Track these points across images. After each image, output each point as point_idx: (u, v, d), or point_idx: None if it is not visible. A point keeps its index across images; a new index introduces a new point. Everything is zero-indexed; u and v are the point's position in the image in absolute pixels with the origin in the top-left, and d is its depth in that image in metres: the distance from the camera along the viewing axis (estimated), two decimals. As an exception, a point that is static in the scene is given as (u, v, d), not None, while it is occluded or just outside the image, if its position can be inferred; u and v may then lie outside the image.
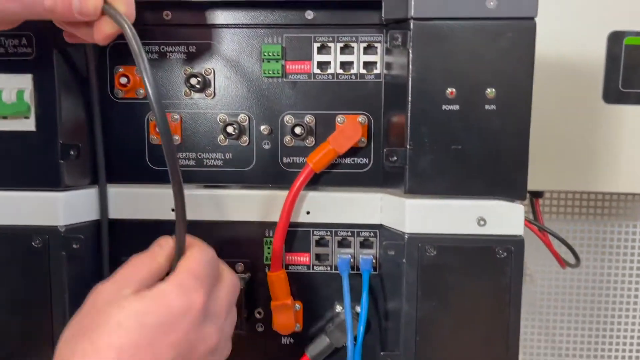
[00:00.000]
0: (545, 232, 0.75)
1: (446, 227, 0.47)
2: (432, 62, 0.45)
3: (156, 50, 0.51)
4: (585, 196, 0.89)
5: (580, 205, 0.90)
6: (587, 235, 0.90)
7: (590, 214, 0.90)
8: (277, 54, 0.50)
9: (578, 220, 0.90)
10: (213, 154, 0.52)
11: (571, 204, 0.90)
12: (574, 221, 0.90)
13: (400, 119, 0.48)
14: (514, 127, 0.46)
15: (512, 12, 0.45)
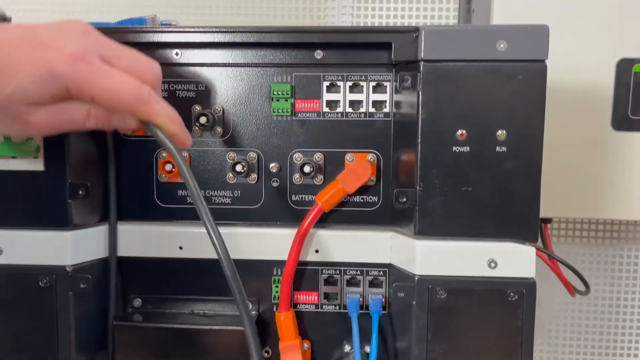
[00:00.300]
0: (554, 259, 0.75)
1: (457, 269, 0.47)
2: (442, 103, 0.45)
3: (165, 89, 0.51)
4: (594, 220, 0.88)
5: (588, 229, 0.89)
6: (595, 259, 0.90)
7: (599, 237, 0.89)
8: (286, 93, 0.49)
9: (587, 244, 0.90)
10: (221, 191, 0.51)
11: (579, 227, 0.89)
12: (582, 245, 0.90)
13: (409, 159, 0.48)
14: (525, 169, 0.46)
15: (523, 55, 0.44)
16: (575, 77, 0.69)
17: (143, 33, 0.48)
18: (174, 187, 0.52)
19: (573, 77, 0.69)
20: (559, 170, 0.70)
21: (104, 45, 0.42)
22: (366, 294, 0.51)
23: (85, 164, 0.49)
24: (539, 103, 0.45)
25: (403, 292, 0.48)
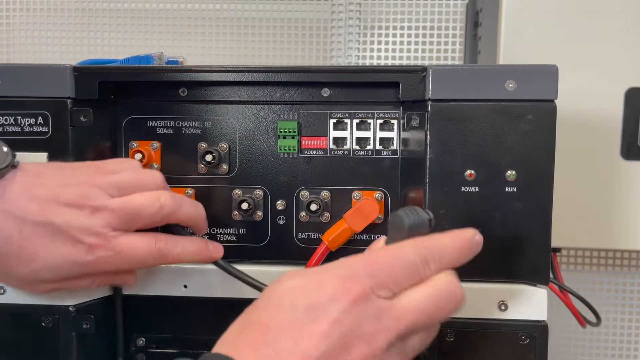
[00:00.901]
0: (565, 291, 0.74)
1: (466, 312, 0.46)
2: (450, 143, 0.45)
3: (171, 126, 0.50)
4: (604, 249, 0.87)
5: (598, 256, 0.88)
6: (605, 287, 0.88)
7: (609, 265, 0.88)
8: (293, 130, 0.49)
9: (597, 272, 0.88)
10: (227, 229, 0.51)
11: (589, 255, 0.88)
12: (591, 272, 0.88)
13: (418, 197, 0.47)
14: (536, 210, 0.45)
15: (532, 95, 0.44)
16: (584, 106, 0.68)
17: (149, 73, 0.48)
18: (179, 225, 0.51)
19: (581, 106, 0.68)
20: (568, 199, 0.69)
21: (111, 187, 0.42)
22: (373, 334, 0.50)
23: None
24: (549, 143, 0.44)
25: (411, 334, 0.47)
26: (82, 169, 0.43)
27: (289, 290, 0.33)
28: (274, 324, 0.32)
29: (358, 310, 0.32)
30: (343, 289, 0.32)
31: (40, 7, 0.90)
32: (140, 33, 0.89)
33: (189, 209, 0.45)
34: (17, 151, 0.47)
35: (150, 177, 0.44)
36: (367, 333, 0.32)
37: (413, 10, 0.86)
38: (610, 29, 0.67)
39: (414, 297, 0.33)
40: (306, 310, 0.32)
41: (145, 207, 0.42)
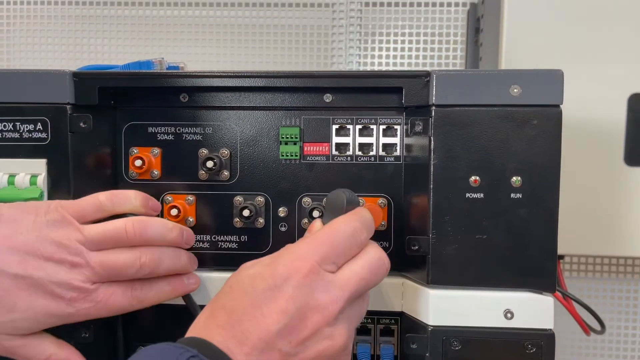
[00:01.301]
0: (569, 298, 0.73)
1: (472, 320, 0.45)
2: (454, 149, 0.44)
3: (172, 132, 0.50)
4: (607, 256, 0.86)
5: (602, 263, 0.87)
6: (609, 294, 0.87)
7: (612, 272, 0.87)
8: (295, 136, 0.49)
9: (600, 279, 0.87)
10: (228, 236, 0.50)
11: (592, 262, 0.87)
12: (595, 279, 0.87)
13: (421, 204, 0.46)
14: (542, 216, 0.44)
15: (537, 100, 0.43)
16: (587, 112, 0.68)
17: (150, 78, 0.47)
18: (180, 232, 0.50)
19: (584, 112, 0.68)
20: (572, 206, 0.69)
21: (90, 242, 0.42)
22: (377, 343, 0.50)
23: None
24: (554, 148, 0.44)
25: (416, 343, 0.46)
26: (56, 213, 0.43)
27: (248, 277, 0.37)
28: (239, 307, 0.36)
29: (309, 284, 0.36)
30: (294, 268, 0.36)
31: (40, 14, 0.90)
32: (140, 40, 0.89)
33: (168, 265, 0.45)
34: (16, 158, 0.47)
35: (131, 228, 0.43)
36: (320, 304, 0.36)
37: (414, 16, 0.86)
38: (613, 35, 0.66)
39: (353, 268, 0.38)
40: (264, 292, 0.36)
41: (125, 267, 0.43)
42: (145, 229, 0.44)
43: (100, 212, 0.44)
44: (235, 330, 0.35)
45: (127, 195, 0.45)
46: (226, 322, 0.35)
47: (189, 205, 0.50)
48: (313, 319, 0.36)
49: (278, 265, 0.37)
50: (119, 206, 0.44)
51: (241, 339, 0.35)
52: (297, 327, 0.35)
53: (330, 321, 0.36)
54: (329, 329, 0.36)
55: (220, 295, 0.38)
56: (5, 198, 0.46)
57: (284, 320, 0.35)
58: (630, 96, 0.67)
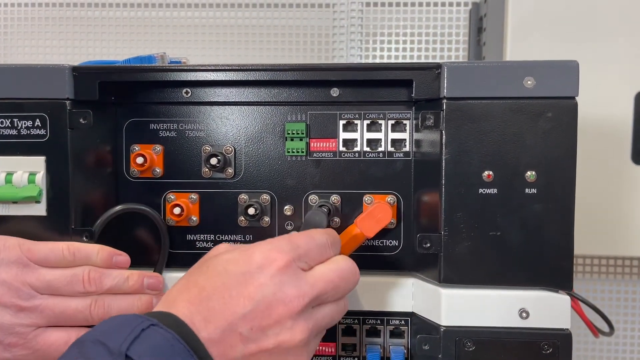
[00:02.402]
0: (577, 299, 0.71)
1: (485, 320, 0.44)
2: (467, 143, 0.43)
3: (174, 128, 0.49)
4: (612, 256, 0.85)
5: (607, 264, 0.86)
6: (615, 295, 0.86)
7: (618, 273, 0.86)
8: (301, 132, 0.47)
9: (606, 280, 0.86)
10: (232, 235, 0.49)
11: (597, 263, 0.86)
12: (600, 280, 0.86)
13: (432, 201, 0.45)
14: (557, 212, 0.43)
15: (552, 92, 0.42)
16: (594, 110, 0.67)
17: (152, 72, 0.46)
18: (182, 232, 0.49)
19: (591, 110, 0.67)
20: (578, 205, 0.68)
21: (42, 287, 0.42)
22: (387, 344, 0.48)
23: (89, 208, 0.47)
24: (570, 142, 0.42)
25: (428, 344, 0.44)
26: (13, 252, 0.42)
27: (225, 260, 0.38)
28: (209, 286, 0.37)
29: (281, 276, 0.37)
30: (269, 259, 0.38)
31: (38, 16, 0.88)
32: (139, 42, 0.87)
33: (120, 310, 0.44)
34: (14, 155, 0.45)
35: (87, 277, 0.43)
36: (287, 297, 0.37)
37: (415, 16, 0.85)
38: (619, 33, 0.66)
39: (323, 270, 0.39)
40: (237, 276, 0.37)
41: (75, 314, 0.43)
42: (101, 279, 0.43)
43: (60, 262, 0.43)
44: (202, 306, 0.36)
45: (89, 251, 0.44)
46: (195, 297, 0.36)
47: (192, 203, 0.48)
48: (278, 309, 0.37)
49: (255, 252, 0.38)
50: (80, 261, 0.44)
51: (207, 315, 0.35)
52: (262, 314, 0.36)
53: (294, 315, 0.37)
54: (290, 322, 0.37)
55: (194, 272, 0.39)
56: (3, 197, 0.44)
57: (250, 306, 0.36)
58: (637, 94, 0.66)
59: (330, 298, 0.40)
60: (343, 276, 0.40)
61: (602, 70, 0.66)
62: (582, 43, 0.66)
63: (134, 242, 0.49)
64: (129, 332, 0.32)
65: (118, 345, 0.32)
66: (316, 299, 0.38)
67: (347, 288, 0.40)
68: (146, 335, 0.33)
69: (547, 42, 0.67)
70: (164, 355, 0.32)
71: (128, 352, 0.32)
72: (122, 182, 0.49)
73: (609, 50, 0.66)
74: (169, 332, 0.33)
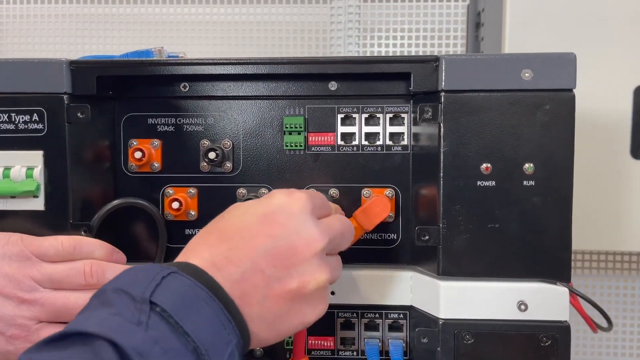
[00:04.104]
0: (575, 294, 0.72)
1: (484, 312, 0.44)
2: (465, 135, 0.43)
3: (172, 123, 0.48)
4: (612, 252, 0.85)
5: (606, 259, 0.86)
6: (614, 291, 0.86)
7: (617, 269, 0.86)
8: (299, 126, 0.47)
9: (604, 276, 0.86)
10: (231, 230, 0.49)
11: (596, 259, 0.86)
12: (599, 276, 0.86)
13: (431, 194, 0.45)
14: (555, 204, 0.43)
15: (550, 84, 0.42)
16: (592, 105, 0.67)
17: (150, 66, 0.46)
18: (181, 226, 0.49)
19: (589, 105, 0.67)
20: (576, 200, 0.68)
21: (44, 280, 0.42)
22: (385, 338, 0.48)
23: (87, 202, 0.47)
24: (567, 134, 0.43)
25: (426, 337, 0.45)
26: (15, 247, 0.42)
27: (244, 205, 0.39)
28: (230, 228, 0.37)
29: (302, 216, 0.37)
30: (290, 199, 0.38)
31: (33, 13, 0.88)
32: (136, 38, 0.87)
33: None
34: (12, 150, 0.45)
35: (89, 271, 0.43)
36: (309, 235, 0.37)
37: (413, 12, 0.85)
38: (617, 27, 0.66)
39: (332, 220, 0.40)
40: (257, 216, 0.37)
41: (76, 308, 0.42)
42: (104, 273, 0.43)
43: (60, 257, 0.43)
44: (223, 247, 0.36)
45: (91, 245, 0.44)
46: (215, 240, 0.36)
47: (191, 198, 0.48)
48: (301, 248, 0.36)
49: (274, 195, 0.39)
50: (80, 255, 0.44)
51: (228, 255, 0.35)
52: (285, 252, 0.36)
53: (317, 254, 0.37)
54: (316, 260, 0.37)
55: (213, 222, 0.39)
56: (1, 191, 0.44)
57: (272, 243, 0.36)
58: (636, 88, 0.66)
59: (337, 248, 0.40)
60: (346, 229, 0.41)
61: (601, 64, 0.66)
62: (581, 38, 0.66)
63: (132, 236, 0.49)
64: (150, 280, 0.32)
65: (141, 292, 0.31)
66: (330, 244, 0.38)
67: (345, 244, 0.41)
68: (167, 281, 0.32)
69: (546, 37, 0.67)
70: (188, 299, 0.32)
71: (152, 298, 0.31)
72: (121, 176, 0.49)
73: (607, 45, 0.66)
74: (189, 279, 0.33)
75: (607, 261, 0.86)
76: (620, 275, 0.86)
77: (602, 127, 0.67)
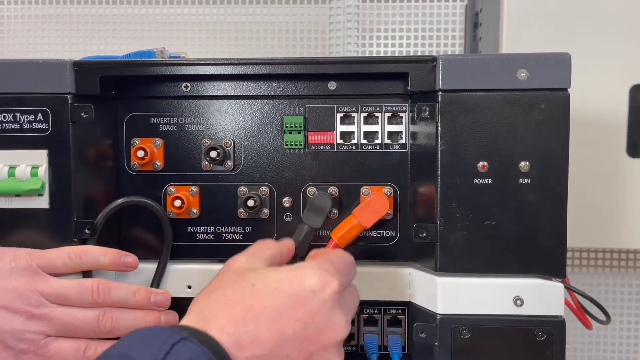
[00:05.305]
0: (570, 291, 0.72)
1: (481, 308, 0.44)
2: (462, 134, 0.44)
3: (174, 122, 0.49)
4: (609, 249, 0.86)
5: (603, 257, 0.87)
6: (611, 289, 0.87)
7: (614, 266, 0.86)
8: (299, 125, 0.48)
9: (602, 274, 0.87)
10: (232, 227, 0.50)
11: (594, 257, 0.87)
12: (597, 274, 0.87)
13: (428, 192, 0.46)
14: (551, 201, 0.44)
15: (545, 84, 0.43)
16: (588, 104, 0.68)
17: (152, 66, 0.47)
18: (183, 224, 0.50)
19: (586, 104, 0.68)
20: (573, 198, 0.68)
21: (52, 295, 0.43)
22: (384, 333, 0.49)
23: (91, 200, 0.48)
24: (562, 132, 0.43)
25: (424, 332, 0.45)
26: (23, 261, 0.43)
27: (273, 279, 0.37)
28: (258, 304, 0.35)
29: (332, 302, 0.36)
30: (322, 283, 0.36)
31: (35, 13, 0.88)
32: (137, 39, 0.88)
33: (127, 326, 0.44)
34: (17, 149, 0.46)
35: (97, 289, 0.44)
36: (335, 324, 0.36)
37: (412, 12, 0.86)
38: (613, 26, 0.66)
39: (355, 293, 0.41)
40: (288, 297, 0.36)
41: (83, 324, 0.43)
42: (109, 291, 0.44)
43: (67, 267, 0.44)
44: (250, 326, 0.34)
45: (98, 253, 0.45)
46: (241, 315, 0.34)
47: (193, 196, 0.49)
48: (327, 335, 0.36)
49: (306, 275, 0.37)
50: (87, 264, 0.44)
51: (255, 336, 0.34)
52: (311, 339, 0.35)
53: (339, 341, 0.37)
54: (336, 348, 0.37)
55: (231, 287, 0.37)
56: (6, 190, 0.45)
57: (300, 329, 0.35)
58: (632, 87, 0.67)
59: None
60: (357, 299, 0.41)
61: (597, 64, 0.67)
62: (578, 37, 0.67)
63: (135, 234, 0.50)
64: (159, 347, 0.31)
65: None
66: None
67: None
68: (178, 349, 0.31)
69: (543, 37, 0.67)
70: None
71: None
72: (123, 175, 0.50)
73: (604, 44, 0.66)
74: (200, 347, 0.31)
75: (604, 259, 0.86)
76: (617, 273, 0.86)
77: (599, 125, 0.68)
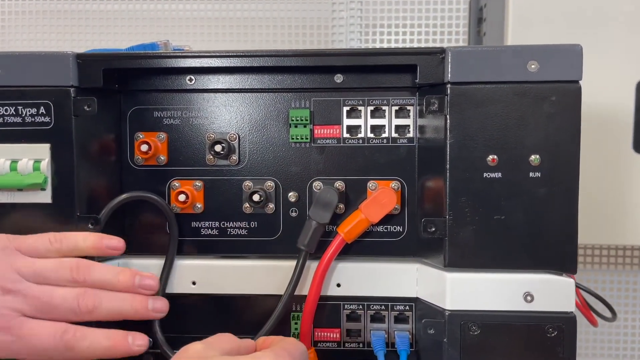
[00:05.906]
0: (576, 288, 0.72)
1: (490, 304, 0.44)
2: (471, 127, 0.43)
3: (178, 116, 0.49)
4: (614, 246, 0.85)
5: (608, 254, 0.86)
6: (617, 285, 0.86)
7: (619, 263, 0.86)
8: (305, 119, 0.47)
9: (607, 271, 0.86)
10: (237, 222, 0.49)
11: (598, 254, 0.86)
12: (602, 271, 0.86)
13: (437, 186, 0.45)
14: (561, 195, 0.43)
15: (556, 76, 0.42)
16: (595, 99, 0.67)
17: (156, 59, 0.46)
18: (187, 219, 0.49)
19: (592, 99, 0.67)
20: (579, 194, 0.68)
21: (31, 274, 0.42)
22: (391, 330, 0.48)
23: (94, 195, 0.47)
24: (574, 125, 0.43)
25: (433, 328, 0.45)
26: (0, 242, 0.42)
27: None
28: None
29: None
30: None
31: (35, 9, 0.88)
32: (138, 34, 0.87)
33: (108, 308, 0.43)
34: (19, 143, 0.45)
35: (76, 268, 0.43)
36: None
37: (415, 7, 0.85)
38: (620, 22, 0.66)
39: None
40: None
41: (61, 303, 0.42)
42: (90, 270, 0.43)
43: (48, 252, 0.43)
44: None
45: (77, 235, 0.44)
46: None
47: (197, 191, 0.48)
48: None
49: None
50: (67, 248, 0.43)
51: None
52: None
53: None
54: None
55: None
56: (8, 184, 0.44)
57: None
58: (638, 83, 0.67)
59: None
60: None
61: (604, 59, 0.66)
62: (583, 33, 0.66)
63: (139, 229, 0.49)
64: None
65: None
66: None
67: None
68: None
69: (548, 32, 0.67)
70: None
71: None
72: (127, 169, 0.49)
73: (609, 39, 0.66)
74: None
75: (609, 255, 0.86)
76: (623, 270, 0.86)
77: (605, 121, 0.67)
